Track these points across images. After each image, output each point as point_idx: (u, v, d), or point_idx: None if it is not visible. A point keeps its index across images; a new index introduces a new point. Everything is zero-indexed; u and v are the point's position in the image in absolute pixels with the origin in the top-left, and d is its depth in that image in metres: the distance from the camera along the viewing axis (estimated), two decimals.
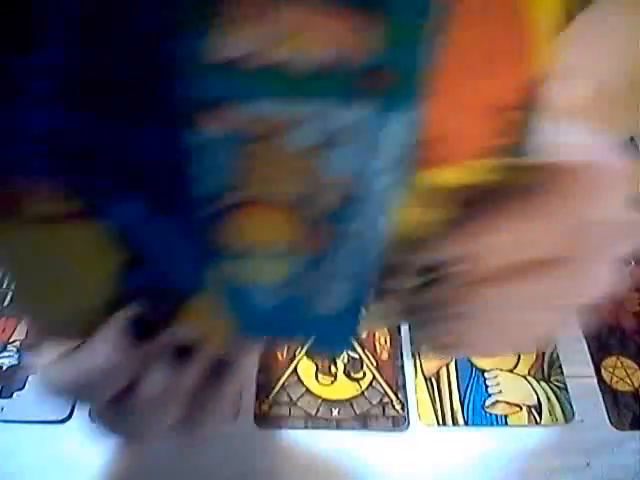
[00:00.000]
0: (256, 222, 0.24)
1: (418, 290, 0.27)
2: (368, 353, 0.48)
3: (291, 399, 0.45)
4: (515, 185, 0.23)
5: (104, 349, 0.26)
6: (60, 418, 0.44)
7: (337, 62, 0.20)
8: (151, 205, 0.23)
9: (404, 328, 0.49)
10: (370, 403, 0.45)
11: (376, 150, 0.22)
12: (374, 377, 0.47)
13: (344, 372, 0.47)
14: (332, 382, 0.46)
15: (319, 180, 0.23)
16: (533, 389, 0.46)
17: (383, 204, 0.23)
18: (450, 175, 0.23)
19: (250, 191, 0.23)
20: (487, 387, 0.46)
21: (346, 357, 0.48)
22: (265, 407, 0.45)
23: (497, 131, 0.22)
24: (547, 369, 0.47)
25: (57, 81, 0.21)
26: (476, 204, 0.24)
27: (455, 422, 0.44)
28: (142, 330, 0.26)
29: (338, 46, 0.19)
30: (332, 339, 0.28)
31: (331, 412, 0.45)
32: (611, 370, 0.47)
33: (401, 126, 0.21)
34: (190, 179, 0.23)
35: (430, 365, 0.47)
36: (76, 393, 0.27)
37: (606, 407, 0.45)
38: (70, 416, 0.44)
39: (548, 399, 0.45)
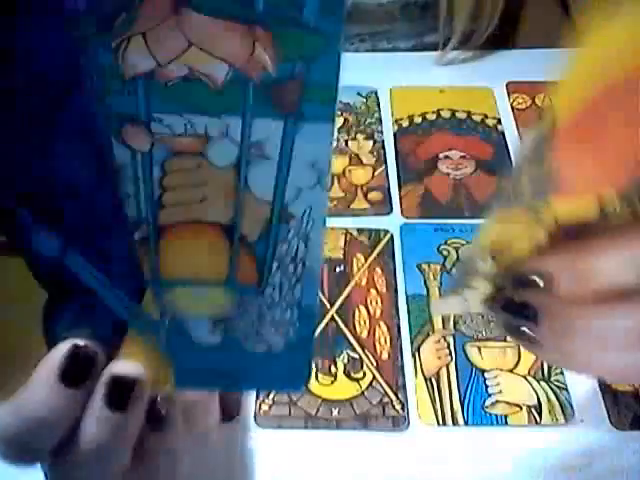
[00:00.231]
0: (187, 246, 0.23)
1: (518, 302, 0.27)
2: (368, 353, 0.48)
3: (291, 399, 0.45)
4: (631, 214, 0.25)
5: (40, 394, 0.23)
6: None
7: (239, 76, 0.20)
8: (69, 235, 0.23)
9: (404, 328, 0.49)
10: (370, 403, 0.45)
11: (291, 165, 0.21)
12: (374, 377, 0.47)
13: (344, 372, 0.47)
14: (332, 382, 0.46)
15: (242, 199, 0.22)
16: (533, 389, 0.46)
17: (311, 225, 0.23)
18: (575, 206, 0.24)
19: (178, 213, 0.23)
20: (487, 387, 0.46)
21: (346, 357, 0.48)
22: (265, 407, 0.45)
23: (628, 176, 0.23)
24: (547, 369, 0.47)
25: None
26: (590, 227, 0.25)
27: (455, 422, 0.44)
28: (79, 369, 0.23)
29: (240, 58, 0.19)
30: (284, 378, 0.26)
31: (331, 412, 0.45)
32: None
33: (314, 139, 0.21)
34: (117, 200, 0.22)
35: (430, 365, 0.47)
36: (18, 446, 0.24)
37: (606, 407, 0.45)
38: None
39: (548, 399, 0.45)
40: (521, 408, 0.45)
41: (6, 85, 0.20)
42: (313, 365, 0.38)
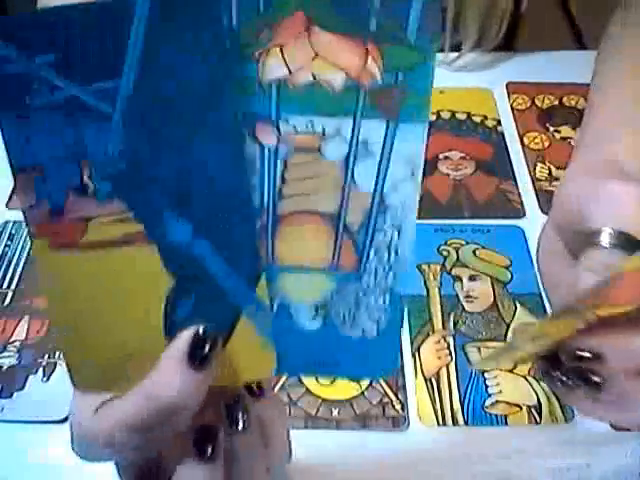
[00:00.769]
0: (298, 234, 0.26)
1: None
2: None
3: (291, 399, 0.45)
4: None
5: (169, 378, 0.25)
6: (60, 418, 0.44)
7: (354, 82, 0.24)
8: (199, 222, 0.25)
9: (404, 328, 0.49)
10: (370, 403, 0.45)
11: (390, 161, 0.25)
12: None
13: None
14: (332, 382, 0.46)
15: (348, 192, 0.25)
16: (533, 389, 0.46)
17: (404, 215, 0.26)
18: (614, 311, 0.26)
19: (295, 203, 0.26)
20: (487, 387, 0.46)
21: None
22: None
23: None
24: None
25: (123, 106, 0.24)
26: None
27: (455, 422, 0.44)
28: (204, 352, 0.25)
29: (354, 68, 0.24)
30: (376, 362, 0.28)
31: (331, 412, 0.45)
32: None
33: (410, 138, 0.25)
34: (246, 191, 0.25)
35: (430, 365, 0.47)
36: (144, 435, 0.26)
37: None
38: None
39: (548, 399, 0.45)
40: (521, 408, 0.45)
41: (163, 94, 0.24)
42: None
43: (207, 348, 0.25)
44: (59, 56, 0.23)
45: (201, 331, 0.25)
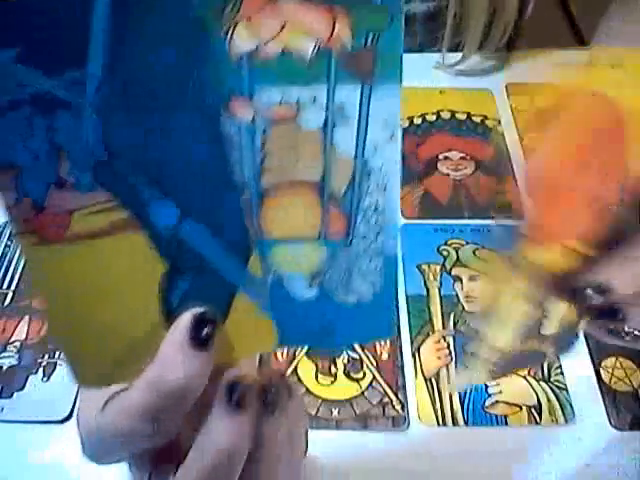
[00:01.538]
0: (285, 206, 0.26)
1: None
2: (368, 353, 0.48)
3: None
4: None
5: (175, 363, 0.25)
6: (60, 418, 0.44)
7: (326, 48, 0.23)
8: (184, 204, 0.25)
9: (404, 328, 0.49)
10: (370, 403, 0.45)
11: (369, 124, 0.25)
12: (374, 377, 0.47)
13: (344, 372, 0.47)
14: (332, 382, 0.46)
15: (330, 158, 0.25)
16: (533, 389, 0.46)
17: (388, 177, 0.26)
18: (549, 255, 0.26)
19: (277, 175, 0.25)
20: (487, 387, 0.46)
21: (346, 357, 0.48)
22: None
23: (597, 221, 0.25)
24: (547, 369, 0.47)
25: (94, 94, 0.23)
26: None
27: (455, 422, 0.44)
28: (206, 332, 0.25)
29: (323, 34, 0.23)
30: (373, 326, 0.28)
31: (331, 412, 0.45)
32: (610, 371, 0.47)
33: (386, 99, 0.24)
34: (227, 168, 0.25)
35: (430, 365, 0.47)
36: (153, 423, 0.26)
37: (606, 407, 0.45)
38: (70, 416, 0.44)
39: (548, 399, 0.45)
40: (521, 408, 0.45)
41: (134, 78, 0.23)
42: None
43: (208, 329, 0.25)
44: (22, 50, 0.22)
45: (200, 313, 0.25)
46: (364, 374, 0.47)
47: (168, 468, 0.28)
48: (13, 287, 0.52)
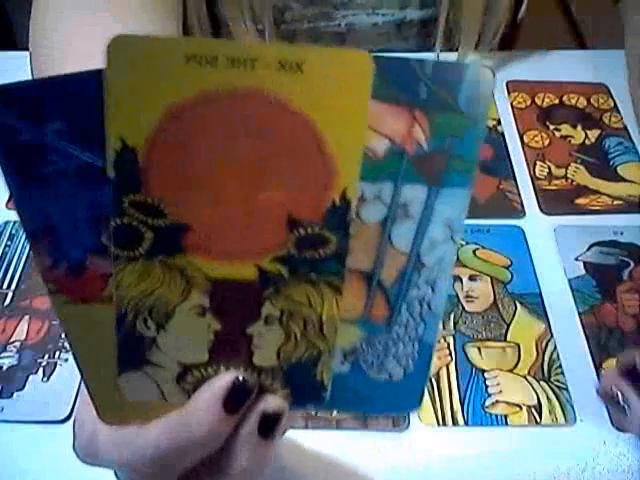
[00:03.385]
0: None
1: None
2: None
3: None
4: None
5: (202, 417, 0.26)
6: (60, 418, 0.44)
7: (397, 150, 0.24)
8: None
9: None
10: None
11: (429, 223, 0.25)
12: None
13: None
14: None
15: (385, 252, 0.25)
16: (533, 389, 0.46)
17: (440, 274, 0.26)
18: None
19: None
20: (487, 387, 0.46)
21: None
22: None
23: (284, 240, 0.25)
24: (547, 369, 0.47)
25: None
26: None
27: (455, 422, 0.44)
28: (239, 399, 0.26)
29: (400, 134, 0.23)
30: (401, 401, 0.29)
31: (331, 412, 0.45)
32: None
33: (452, 202, 0.25)
34: None
35: None
36: (159, 466, 0.26)
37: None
38: (70, 416, 0.44)
39: (548, 399, 0.45)
40: (521, 408, 0.45)
41: None
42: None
43: (243, 397, 0.26)
44: (69, 124, 0.23)
45: (241, 381, 0.26)
46: None
47: None
48: (13, 287, 0.52)
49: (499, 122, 0.66)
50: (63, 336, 0.48)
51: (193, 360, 0.27)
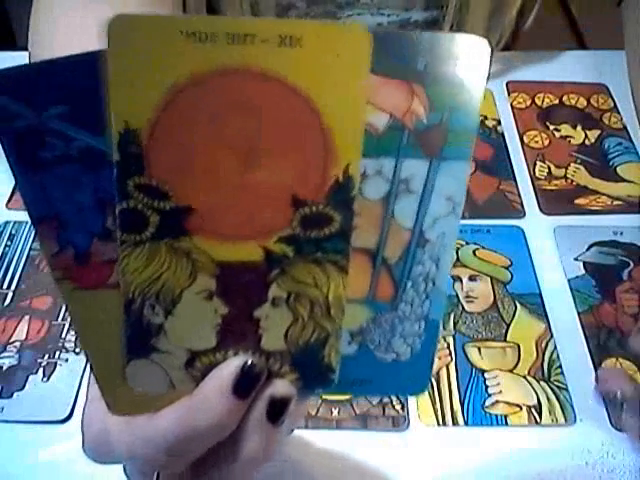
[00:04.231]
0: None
1: None
2: None
3: None
4: None
5: (212, 404, 0.26)
6: (60, 418, 0.44)
7: (397, 124, 0.24)
8: None
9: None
10: (370, 403, 0.45)
11: (431, 198, 0.25)
12: None
13: None
14: None
15: (388, 228, 0.25)
16: (533, 389, 0.46)
17: (443, 249, 0.26)
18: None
19: None
20: (487, 387, 0.46)
21: None
22: None
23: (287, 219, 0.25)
24: (547, 369, 0.47)
25: None
26: None
27: (455, 422, 0.44)
28: (250, 384, 0.26)
29: (399, 109, 0.23)
30: (408, 381, 0.29)
31: (331, 412, 0.45)
32: None
33: (452, 175, 0.25)
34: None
35: None
36: (170, 454, 0.26)
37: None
38: (70, 416, 0.44)
39: (548, 399, 0.45)
40: (521, 408, 0.45)
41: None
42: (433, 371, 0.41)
43: (253, 381, 0.26)
44: (70, 107, 0.22)
45: (249, 365, 0.26)
46: None
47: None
48: (13, 287, 0.52)
49: (499, 122, 0.66)
50: (65, 332, 0.48)
51: (201, 346, 0.26)
